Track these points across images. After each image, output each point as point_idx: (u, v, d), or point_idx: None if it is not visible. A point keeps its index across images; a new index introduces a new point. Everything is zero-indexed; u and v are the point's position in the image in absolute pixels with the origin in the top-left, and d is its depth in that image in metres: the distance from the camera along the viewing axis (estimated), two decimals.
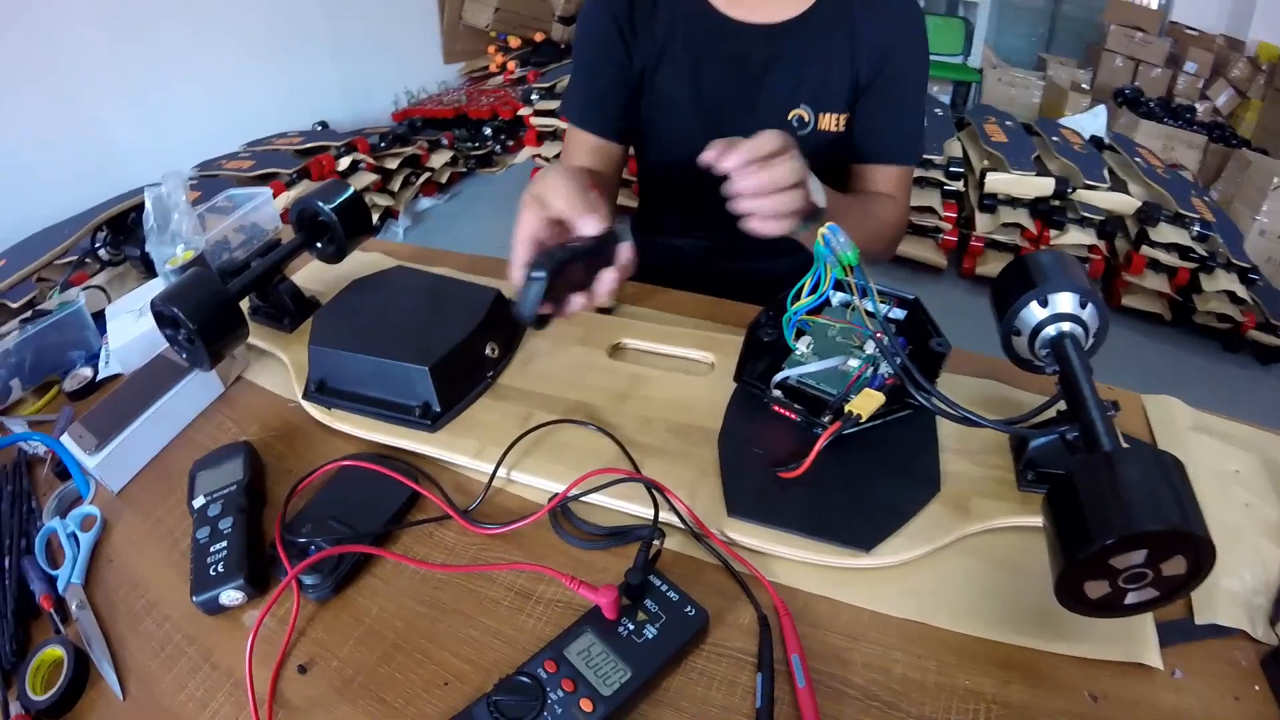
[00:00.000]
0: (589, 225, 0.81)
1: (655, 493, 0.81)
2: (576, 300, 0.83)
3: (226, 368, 1.05)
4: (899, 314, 0.96)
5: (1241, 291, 3.38)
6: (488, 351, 1.00)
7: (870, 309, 0.81)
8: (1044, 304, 0.79)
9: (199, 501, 0.84)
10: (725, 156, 0.86)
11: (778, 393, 0.89)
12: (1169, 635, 0.76)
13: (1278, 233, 3.99)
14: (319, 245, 1.11)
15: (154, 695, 0.71)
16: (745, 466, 0.85)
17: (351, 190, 1.10)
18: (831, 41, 1.23)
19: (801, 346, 0.92)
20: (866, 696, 0.68)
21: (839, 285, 0.83)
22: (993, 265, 3.65)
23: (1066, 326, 0.79)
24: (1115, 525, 0.58)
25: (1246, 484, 0.94)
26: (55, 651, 0.74)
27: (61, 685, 0.71)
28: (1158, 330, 3.65)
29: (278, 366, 1.05)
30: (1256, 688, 0.73)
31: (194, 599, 0.75)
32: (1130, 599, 0.64)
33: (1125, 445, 0.70)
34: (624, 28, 1.24)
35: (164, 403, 0.98)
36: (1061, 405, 0.77)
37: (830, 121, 1.26)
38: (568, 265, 0.80)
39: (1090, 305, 0.79)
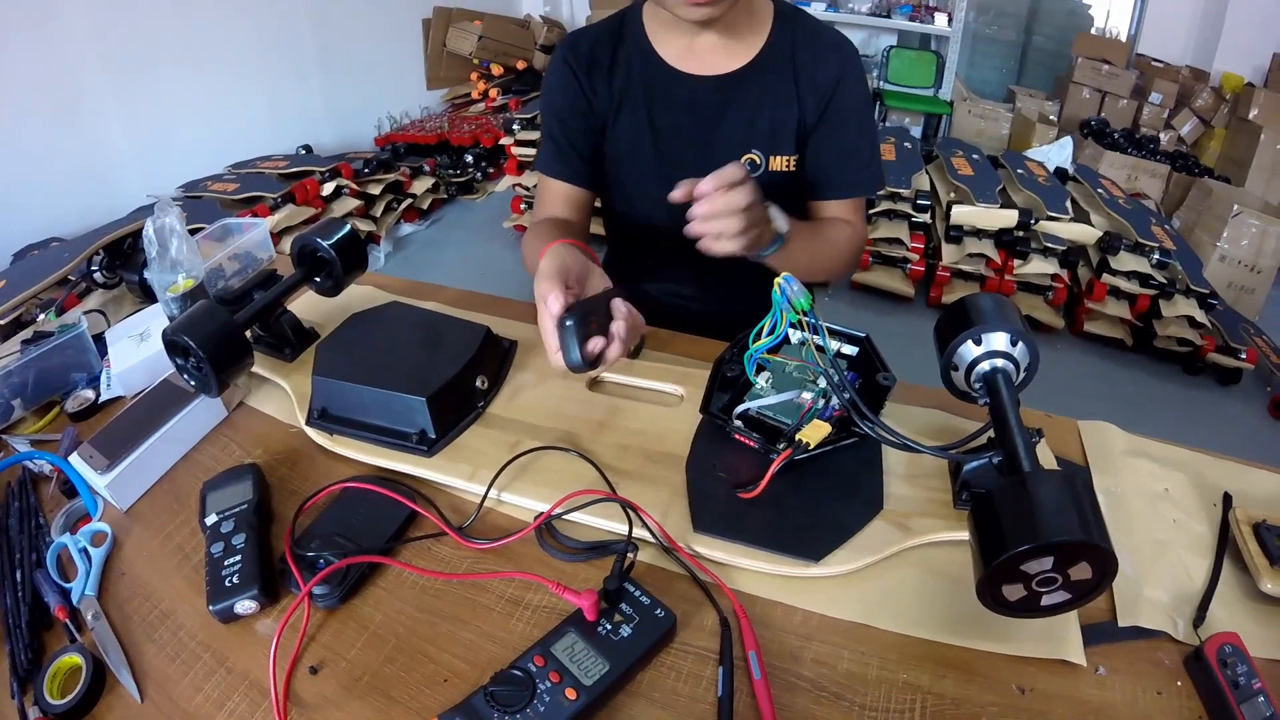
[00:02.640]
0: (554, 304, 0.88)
1: (629, 511, 0.90)
2: (611, 351, 0.89)
3: (230, 394, 1.09)
4: (851, 350, 1.05)
5: (1200, 316, 3.48)
6: (478, 384, 1.07)
7: (821, 346, 0.90)
8: (979, 342, 0.87)
9: (211, 519, 0.89)
10: (698, 184, 0.98)
11: (739, 423, 0.97)
12: (1093, 636, 0.84)
13: (1238, 258, 4.10)
14: (318, 280, 1.16)
15: (171, 697, 0.76)
16: (710, 488, 0.94)
17: (349, 228, 1.16)
18: (778, 87, 1.31)
19: (761, 381, 1.01)
20: (816, 688, 0.77)
21: (798, 325, 0.92)
22: (959, 294, 3.61)
23: (999, 363, 0.87)
24: (1025, 536, 0.67)
25: (1175, 502, 1.02)
26: (72, 659, 0.78)
27: (81, 690, 0.75)
28: (1120, 356, 3.75)
29: (278, 393, 1.10)
30: (1179, 684, 0.81)
31: (210, 608, 0.80)
32: (1044, 601, 0.73)
33: (1054, 468, 0.78)
34: (583, 82, 1.32)
35: (171, 426, 1.02)
36: (992, 433, 0.85)
37: (781, 163, 1.34)
38: (588, 316, 0.88)
39: (1021, 344, 0.87)
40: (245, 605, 0.81)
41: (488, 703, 0.69)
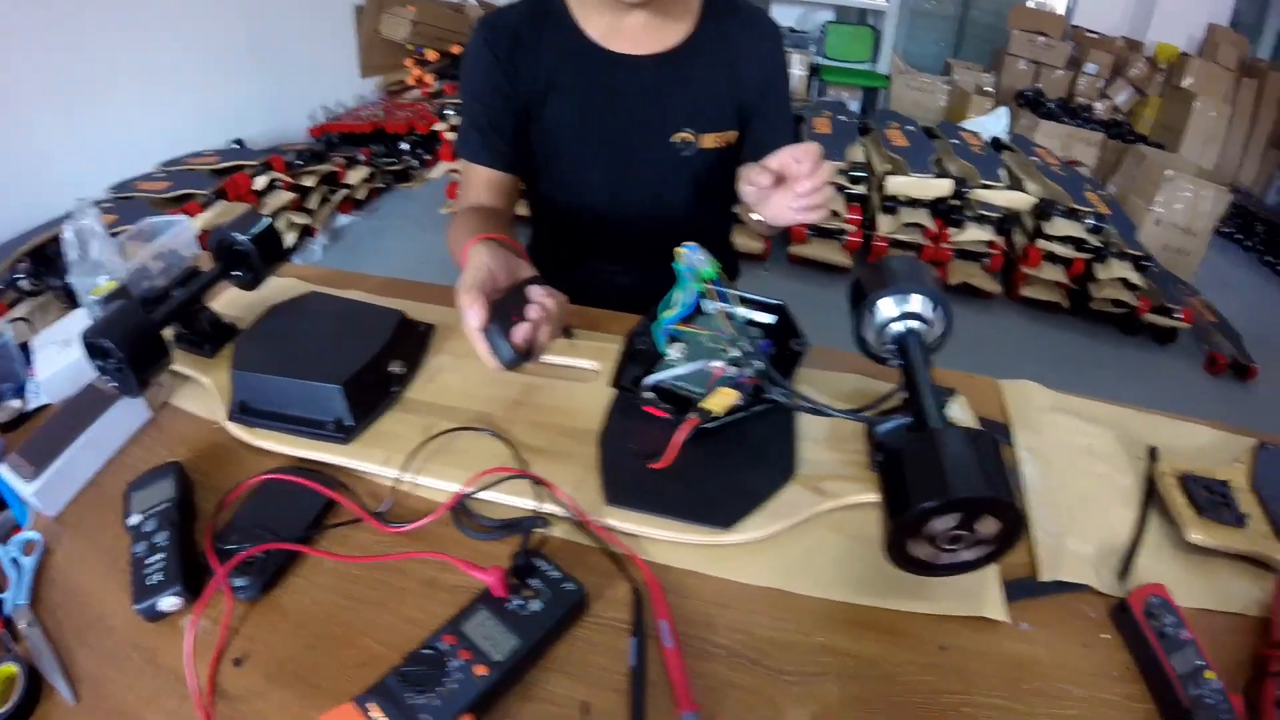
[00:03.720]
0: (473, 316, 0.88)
1: (539, 486, 0.89)
2: (540, 336, 0.89)
3: (153, 394, 1.07)
4: (768, 318, 1.05)
5: (1135, 278, 3.56)
6: (394, 369, 1.06)
7: (730, 314, 0.89)
8: (894, 303, 0.87)
9: (135, 519, 0.87)
10: (790, 159, 1.02)
11: (650, 394, 0.96)
12: (1015, 592, 0.84)
13: (1173, 221, 4.22)
14: (237, 274, 1.14)
15: (106, 698, 0.75)
16: (622, 461, 0.93)
17: (267, 220, 1.13)
18: (711, 67, 1.31)
19: (674, 352, 1.00)
20: (731, 655, 0.77)
21: (706, 294, 0.91)
22: None
23: (913, 324, 0.87)
24: (929, 493, 0.66)
25: (1100, 456, 1.03)
26: (8, 669, 0.76)
27: (17, 698, 0.74)
28: (1057, 319, 3.82)
29: (201, 390, 1.08)
30: (1105, 636, 0.82)
31: (135, 607, 0.79)
32: (954, 559, 0.73)
33: (961, 425, 0.77)
34: (506, 64, 1.29)
35: (95, 429, 1.00)
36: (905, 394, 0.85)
37: (714, 140, 1.35)
38: (509, 313, 0.88)
39: (938, 307, 0.87)
40: (169, 602, 0.80)
41: (401, 683, 0.69)
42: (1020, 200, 3.68)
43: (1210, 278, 4.33)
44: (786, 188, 1.02)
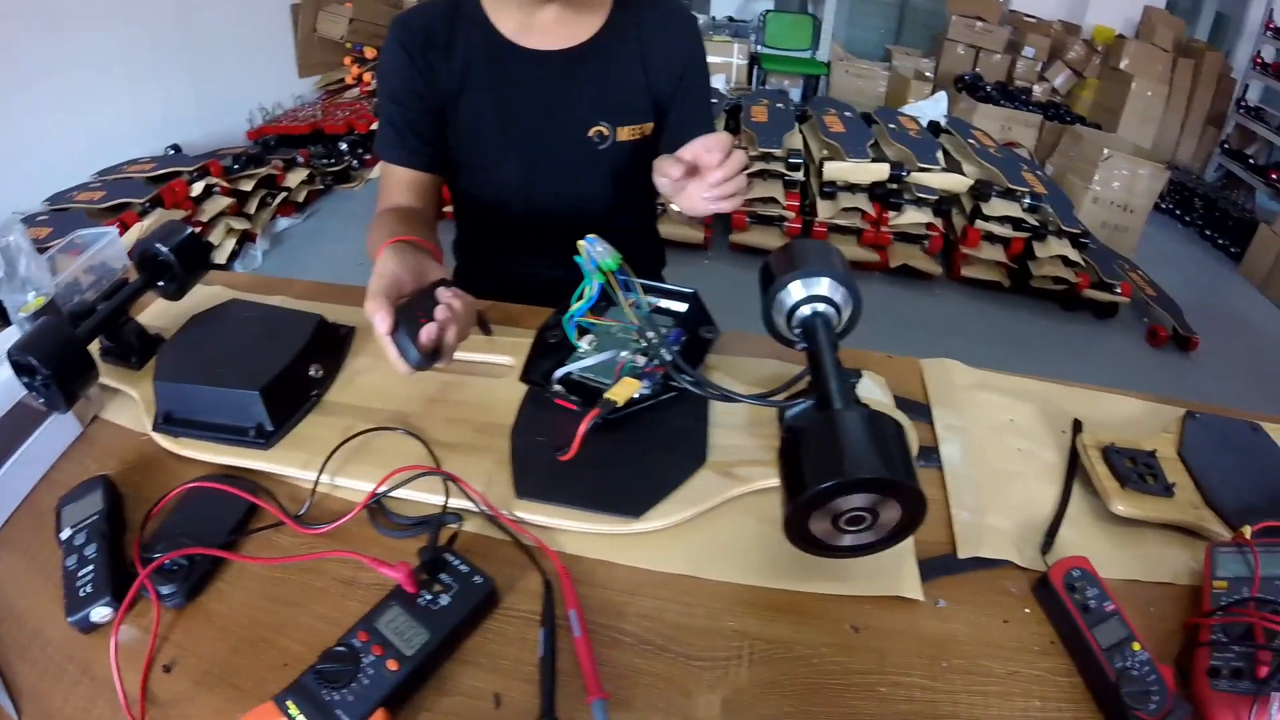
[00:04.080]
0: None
1: (449, 482, 0.89)
2: (447, 338, 0.89)
3: (83, 408, 1.06)
4: (680, 306, 1.05)
5: (1074, 255, 3.61)
6: (312, 372, 1.05)
7: (636, 303, 0.88)
8: (801, 286, 0.86)
9: (66, 533, 0.87)
10: (698, 151, 1.02)
11: (559, 387, 0.96)
12: (932, 570, 0.85)
13: (1110, 199, 4.30)
14: (161, 284, 1.13)
15: (46, 711, 0.74)
16: (533, 454, 0.93)
17: (189, 230, 1.12)
18: (624, 59, 1.30)
19: (584, 344, 1.01)
20: (640, 642, 0.78)
21: (608, 285, 0.90)
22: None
23: (820, 307, 0.86)
24: (826, 473, 0.66)
25: (1022, 431, 1.04)
26: None
27: None
28: (999, 297, 3.87)
29: (130, 403, 1.07)
30: (1027, 611, 0.82)
31: (68, 620, 0.79)
32: (855, 540, 0.72)
33: (863, 406, 0.77)
34: (419, 63, 1.28)
35: (26, 447, 0.99)
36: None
37: (629, 133, 1.34)
38: (415, 315, 0.89)
39: (846, 291, 0.86)
40: (101, 613, 0.80)
41: (318, 680, 0.70)
42: (957, 182, 3.72)
43: (1150, 253, 4.40)
44: (700, 178, 1.02)
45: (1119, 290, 3.62)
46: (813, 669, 0.75)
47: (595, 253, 0.88)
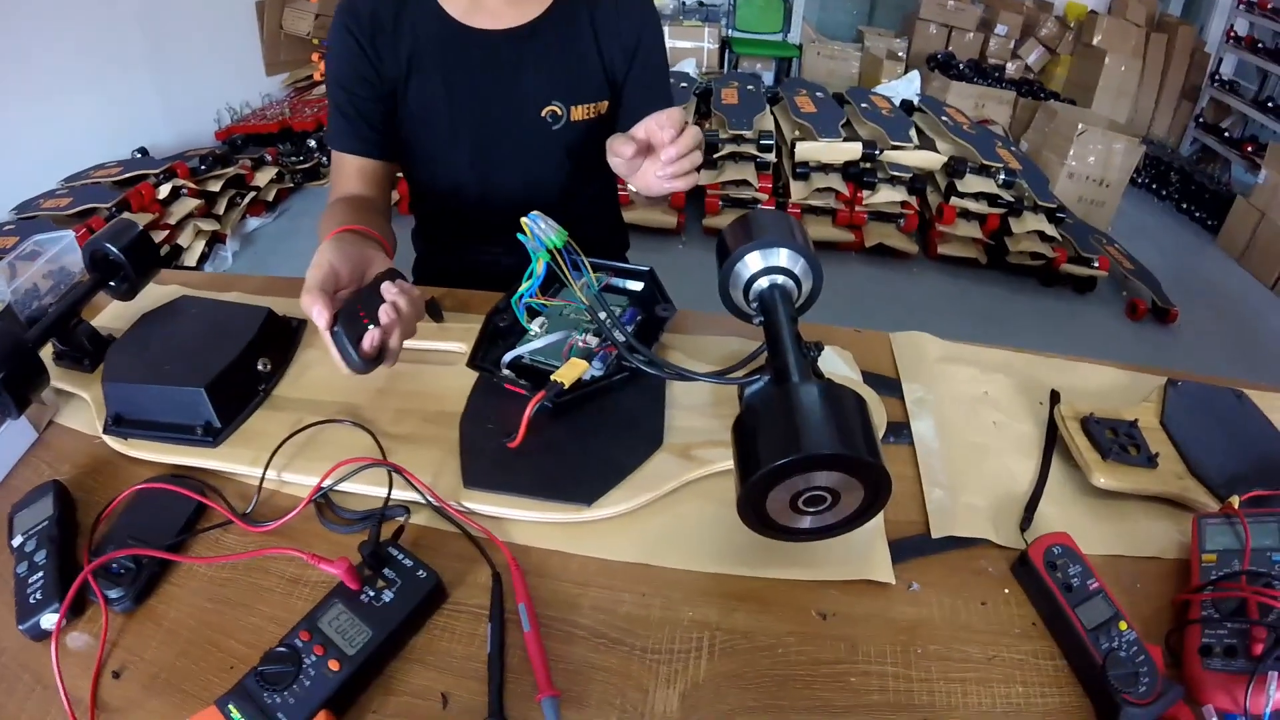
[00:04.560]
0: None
1: (394, 474, 0.87)
2: (391, 341, 0.88)
3: (37, 414, 1.04)
4: (636, 286, 1.03)
5: (1050, 230, 3.61)
6: (260, 367, 1.03)
7: (587, 283, 0.85)
8: (760, 257, 0.83)
9: (17, 540, 0.86)
10: (651, 128, 0.98)
11: (508, 372, 0.93)
12: (904, 551, 0.81)
13: (1086, 174, 4.31)
14: (112, 285, 1.12)
15: None
16: (482, 442, 0.90)
17: (139, 229, 1.11)
18: (575, 37, 1.27)
19: (535, 327, 0.98)
20: (594, 635, 0.75)
21: (555, 264, 0.88)
22: (811, 231, 3.73)
23: (778, 279, 0.83)
24: (780, 451, 0.62)
25: (996, 404, 1.01)
26: None
27: None
28: (976, 274, 3.86)
29: (84, 406, 1.05)
30: (1006, 591, 0.79)
31: (20, 627, 0.78)
32: (816, 522, 0.69)
33: (821, 380, 0.73)
34: (367, 48, 1.24)
35: None
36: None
37: (583, 112, 1.30)
38: (356, 314, 0.87)
39: (807, 266, 0.83)
40: (51, 620, 0.79)
41: (258, 684, 0.69)
42: (930, 159, 3.71)
43: (1126, 227, 4.41)
44: (654, 156, 0.99)
45: (1097, 264, 3.62)
46: (777, 660, 0.72)
47: (539, 230, 0.84)
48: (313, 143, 4.76)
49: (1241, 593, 0.71)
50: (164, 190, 3.69)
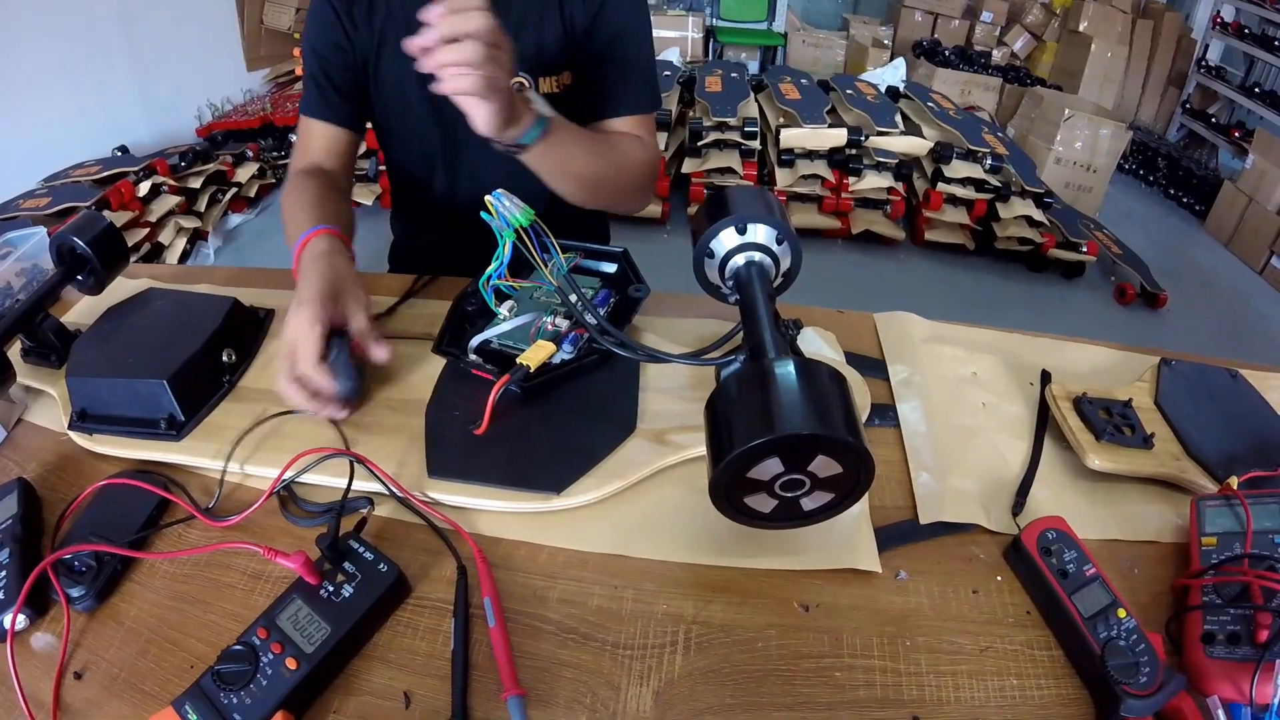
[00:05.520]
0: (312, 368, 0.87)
1: (355, 464, 0.84)
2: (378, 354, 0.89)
3: (6, 412, 1.04)
4: (610, 267, 1.00)
5: (1038, 215, 3.60)
6: (225, 358, 1.01)
7: (556, 264, 0.83)
8: (740, 232, 0.79)
9: None
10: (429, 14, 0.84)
11: (475, 357, 0.90)
12: (890, 539, 0.78)
13: (1073, 160, 4.30)
14: (80, 278, 1.10)
15: None
16: (448, 430, 0.87)
17: (107, 222, 1.09)
18: (539, 8, 1.23)
19: (504, 310, 0.94)
20: (562, 630, 0.72)
21: (521, 243, 0.84)
22: (797, 218, 3.79)
23: (756, 256, 0.79)
24: (753, 432, 0.58)
25: (984, 384, 0.98)
26: None
27: None
28: (964, 260, 3.85)
29: (51, 403, 1.03)
30: (999, 578, 0.76)
31: None
32: (794, 508, 0.65)
33: (797, 356, 0.69)
34: (343, 17, 1.22)
35: None
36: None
37: (550, 84, 1.26)
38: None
39: (786, 243, 0.80)
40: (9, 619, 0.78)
41: (215, 684, 0.67)
42: (917, 145, 3.69)
43: (1114, 213, 4.42)
44: None
45: (1085, 249, 3.61)
46: (757, 654, 0.69)
47: (504, 209, 0.81)
48: (294, 137, 4.71)
49: (1244, 577, 0.69)
50: (144, 188, 3.64)
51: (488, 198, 0.82)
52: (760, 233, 0.79)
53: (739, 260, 0.79)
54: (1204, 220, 4.61)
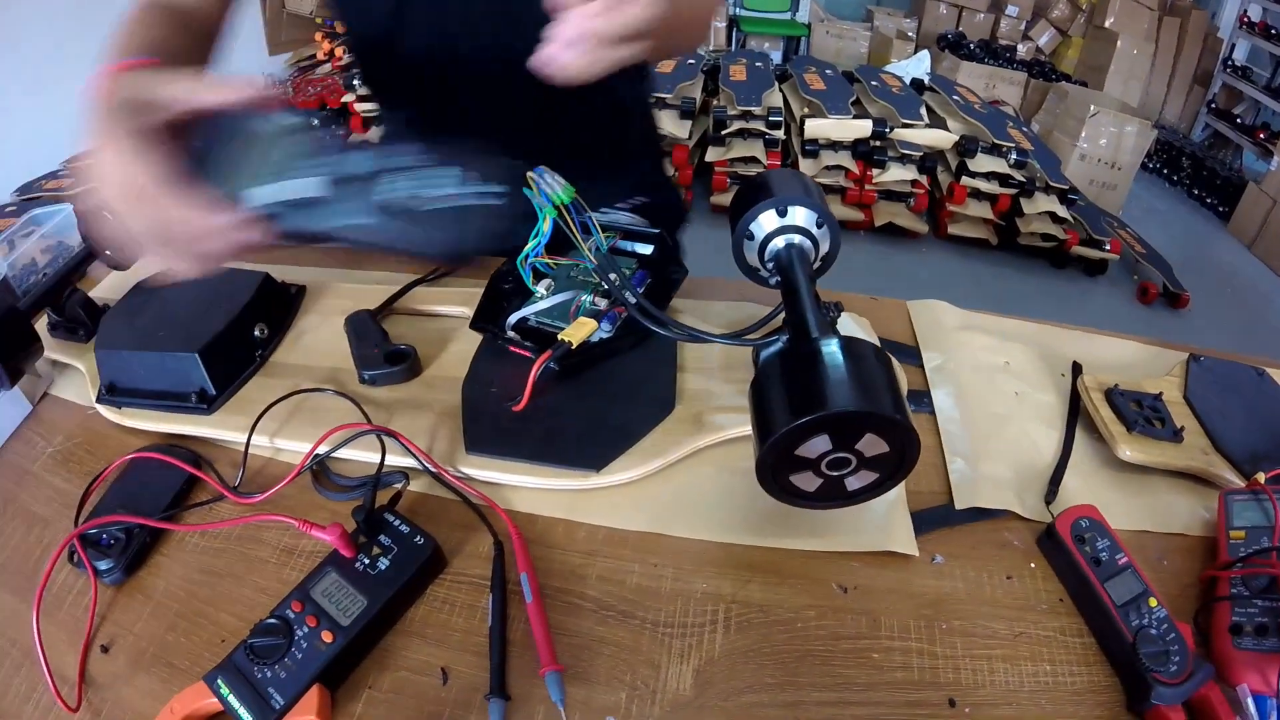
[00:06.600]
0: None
1: (387, 439, 0.83)
2: None
3: (31, 386, 1.03)
4: (646, 249, 0.98)
5: (1062, 211, 3.59)
6: (257, 333, 1.00)
7: (596, 243, 0.82)
8: (781, 214, 0.79)
9: None
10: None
11: (513, 333, 0.90)
12: (926, 523, 0.78)
13: (1098, 156, 4.27)
14: (108, 252, 1.10)
15: None
16: (485, 406, 0.87)
17: None
18: None
19: (541, 288, 0.94)
20: (601, 608, 0.71)
21: (562, 220, 0.84)
22: None
23: (796, 239, 0.79)
24: (800, 409, 0.58)
25: (1017, 374, 0.97)
26: None
27: None
28: (987, 255, 3.84)
29: (79, 377, 1.03)
30: (1033, 565, 0.75)
31: None
32: (839, 488, 0.65)
33: (843, 335, 0.69)
34: None
35: None
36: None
37: None
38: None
39: (825, 226, 0.79)
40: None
41: (248, 657, 0.66)
42: (941, 138, 3.68)
43: (1138, 212, 4.41)
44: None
45: (1108, 247, 3.60)
46: (796, 634, 0.69)
47: (545, 185, 0.80)
48: (315, 121, 4.70)
49: (1273, 569, 0.69)
50: None
51: (530, 173, 0.81)
52: (800, 215, 0.78)
53: (779, 243, 0.79)
54: (1227, 221, 4.59)
